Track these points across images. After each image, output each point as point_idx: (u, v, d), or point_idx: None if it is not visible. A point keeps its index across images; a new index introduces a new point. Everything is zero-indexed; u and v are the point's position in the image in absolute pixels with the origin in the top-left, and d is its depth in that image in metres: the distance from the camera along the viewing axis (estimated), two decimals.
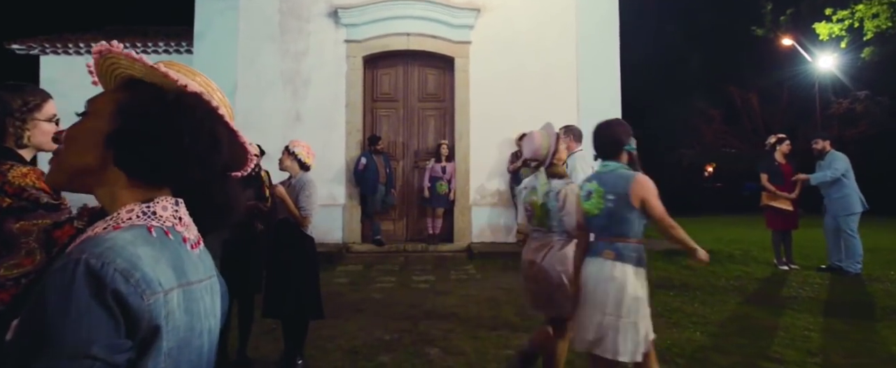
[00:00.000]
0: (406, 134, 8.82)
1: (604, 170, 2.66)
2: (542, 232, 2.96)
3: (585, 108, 8.58)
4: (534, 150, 2.98)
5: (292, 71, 8.54)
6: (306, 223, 3.62)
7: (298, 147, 3.81)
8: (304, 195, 3.60)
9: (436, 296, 5.66)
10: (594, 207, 2.59)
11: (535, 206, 2.96)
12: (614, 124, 2.73)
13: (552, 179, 2.96)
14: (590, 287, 2.52)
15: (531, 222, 3.02)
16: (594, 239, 2.61)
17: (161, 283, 0.78)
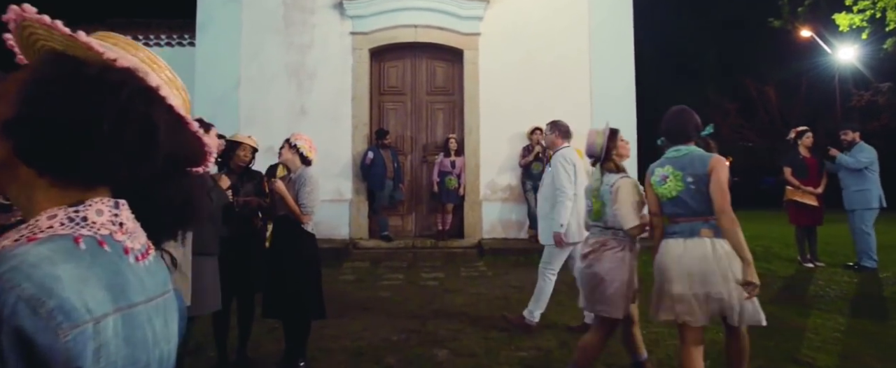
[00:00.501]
0: (414, 128, 8.62)
1: (676, 154, 2.71)
2: (599, 227, 3.03)
3: (598, 101, 8.34)
4: (589, 146, 3.07)
5: (297, 64, 8.36)
6: (306, 219, 3.43)
7: (300, 140, 3.62)
8: (304, 191, 3.42)
9: (445, 294, 5.46)
10: (671, 190, 2.67)
11: (594, 201, 3.05)
12: (685, 111, 2.79)
13: (608, 174, 3.02)
14: (693, 267, 2.56)
15: (590, 217, 3.10)
16: (675, 222, 2.68)
17: (89, 309, 0.60)
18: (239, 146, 3.71)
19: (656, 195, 2.74)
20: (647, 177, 2.81)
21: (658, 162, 2.79)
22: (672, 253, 2.64)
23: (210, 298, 3.19)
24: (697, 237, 2.60)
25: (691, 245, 2.60)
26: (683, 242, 2.62)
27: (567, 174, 4.08)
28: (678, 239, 2.65)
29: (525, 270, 6.60)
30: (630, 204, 2.85)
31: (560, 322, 4.49)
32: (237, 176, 3.74)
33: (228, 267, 3.55)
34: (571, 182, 4.08)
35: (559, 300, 5.14)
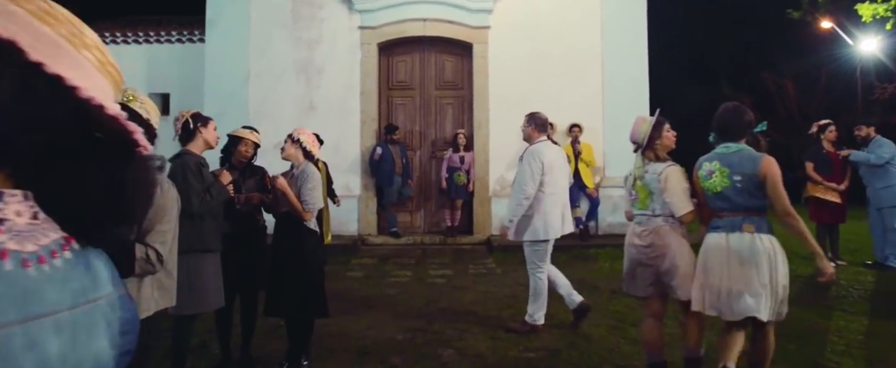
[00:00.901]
0: (423, 123, 8.51)
1: (726, 151, 2.75)
2: (647, 215, 3.03)
3: (610, 94, 8.17)
4: (634, 134, 3.08)
5: (305, 59, 8.30)
6: (308, 216, 3.34)
7: (303, 134, 3.53)
8: (306, 187, 3.33)
9: (453, 292, 5.36)
10: (716, 186, 2.73)
11: (639, 189, 3.06)
12: (740, 107, 2.83)
13: (653, 163, 3.03)
14: (732, 260, 2.64)
15: (635, 206, 3.11)
16: (719, 216, 2.76)
17: None
18: (240, 141, 3.63)
19: (702, 188, 2.83)
20: (695, 170, 2.88)
21: (707, 156, 2.85)
22: (713, 247, 2.73)
23: (212, 295, 3.12)
24: (739, 232, 2.67)
25: (733, 239, 2.67)
26: (725, 236, 2.69)
27: (531, 172, 3.96)
28: (720, 233, 2.72)
29: None
30: (681, 192, 2.89)
31: (569, 321, 4.36)
32: (239, 171, 3.66)
33: (231, 263, 3.48)
34: (534, 181, 3.96)
35: None
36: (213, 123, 3.25)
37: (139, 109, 1.79)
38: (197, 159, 3.10)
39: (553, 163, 4.06)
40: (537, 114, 4.20)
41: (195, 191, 2.99)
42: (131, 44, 9.15)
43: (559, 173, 4.09)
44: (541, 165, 3.97)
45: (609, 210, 7.95)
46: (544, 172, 3.97)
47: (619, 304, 4.81)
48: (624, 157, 8.13)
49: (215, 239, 3.14)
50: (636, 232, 3.07)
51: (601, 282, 5.63)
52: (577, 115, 7.96)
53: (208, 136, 3.19)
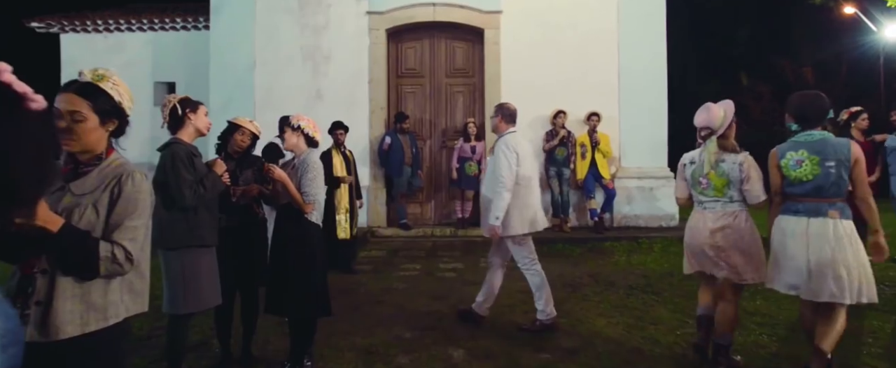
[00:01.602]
0: (433, 111, 8.29)
1: (809, 138, 2.84)
2: (720, 201, 3.09)
3: (626, 81, 7.89)
4: (709, 120, 3.09)
5: (312, 46, 8.09)
6: (309, 209, 3.16)
7: (303, 121, 3.33)
8: (307, 177, 3.14)
9: (463, 287, 5.17)
10: (807, 174, 2.82)
11: (713, 177, 3.09)
12: (820, 96, 2.92)
13: (725, 152, 3.07)
14: (813, 245, 2.78)
15: (705, 193, 3.14)
16: (799, 201, 2.87)
17: None
18: (237, 129, 3.44)
19: (783, 176, 2.92)
20: (775, 159, 2.95)
21: (788, 145, 2.91)
22: (794, 230, 2.85)
23: (208, 293, 2.96)
24: (824, 217, 2.79)
25: (816, 224, 2.79)
26: (807, 220, 2.82)
27: (508, 163, 3.79)
28: (801, 216, 2.85)
29: (548, 261, 6.21)
30: (759, 180, 3.02)
31: (585, 319, 4.16)
32: (235, 161, 3.48)
33: (229, 259, 3.32)
34: (512, 172, 3.79)
35: (584, 294, 4.81)
36: (203, 108, 3.06)
37: (109, 90, 1.60)
38: (188, 148, 2.92)
39: (526, 155, 3.91)
40: (506, 105, 4.06)
41: (187, 183, 2.81)
42: (136, 31, 9.00)
43: (531, 165, 3.94)
44: (516, 156, 3.81)
45: (624, 201, 7.71)
46: (519, 163, 3.81)
47: (636, 301, 4.60)
48: (640, 147, 7.94)
49: (210, 234, 2.97)
50: (708, 218, 3.11)
51: (617, 277, 5.41)
52: (592, 103, 7.70)
53: (199, 123, 3.01)
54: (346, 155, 5.88)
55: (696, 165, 3.18)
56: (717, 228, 3.05)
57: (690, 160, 3.25)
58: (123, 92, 1.64)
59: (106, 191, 1.54)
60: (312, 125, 3.34)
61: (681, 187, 3.31)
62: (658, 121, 7.87)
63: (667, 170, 7.92)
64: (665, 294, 4.78)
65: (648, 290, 4.90)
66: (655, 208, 7.76)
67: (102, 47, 9.05)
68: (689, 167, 3.24)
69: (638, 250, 6.61)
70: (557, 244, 6.90)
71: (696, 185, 3.17)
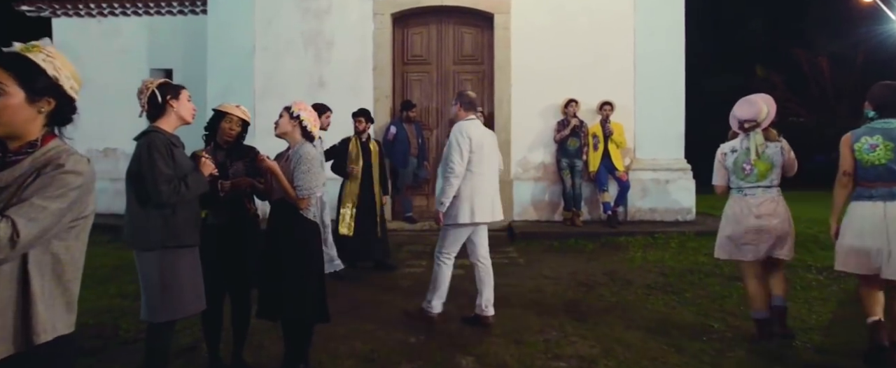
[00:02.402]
0: (440, 100, 7.97)
1: (887, 126, 3.02)
2: (761, 186, 3.36)
3: (643, 69, 7.54)
4: (754, 113, 3.35)
5: (314, 31, 7.78)
6: (303, 204, 2.88)
7: (304, 110, 3.04)
8: (300, 169, 2.85)
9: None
10: (881, 158, 3.00)
11: (757, 163, 3.36)
12: None
13: (768, 141, 3.38)
14: (891, 226, 2.93)
15: (748, 179, 3.38)
16: (872, 186, 3.03)
17: None
18: (224, 117, 3.15)
19: (855, 159, 3.08)
20: (848, 141, 3.12)
21: (863, 130, 3.09)
22: (871, 215, 3.00)
23: (190, 297, 2.68)
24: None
25: (892, 207, 2.95)
26: (884, 205, 2.98)
27: (459, 150, 3.69)
28: (877, 201, 3.00)
29: (560, 257, 5.99)
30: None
31: (603, 322, 3.86)
32: (225, 152, 3.19)
33: (217, 259, 3.04)
34: (462, 159, 3.69)
35: (599, 294, 4.51)
36: (185, 93, 2.76)
37: (41, 62, 1.32)
38: (167, 137, 2.63)
39: (482, 142, 3.78)
40: (465, 93, 3.99)
41: (163, 177, 2.52)
42: (131, 16, 8.70)
43: (488, 154, 3.82)
44: (469, 141, 3.70)
45: (638, 194, 7.38)
46: (472, 150, 3.71)
47: (656, 302, 4.30)
48: (656, 138, 7.59)
49: (190, 233, 2.68)
50: (751, 203, 3.35)
51: (634, 276, 5.11)
52: (606, 92, 7.36)
53: (181, 110, 2.71)
54: (367, 145, 5.51)
55: (737, 153, 3.43)
56: (763, 212, 3.32)
57: (731, 149, 3.48)
58: (62, 66, 1.35)
59: (33, 176, 1.26)
60: (313, 119, 3.05)
61: (721, 175, 3.53)
62: (675, 110, 7.52)
63: (683, 162, 7.58)
64: (687, 294, 4.48)
65: (668, 290, 4.60)
66: (671, 201, 7.43)
67: (96, 32, 8.76)
68: (730, 156, 3.47)
69: (654, 245, 6.30)
70: (570, 239, 6.61)
71: (739, 172, 3.41)
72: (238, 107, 3.19)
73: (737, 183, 3.41)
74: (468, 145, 3.69)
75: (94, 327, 3.88)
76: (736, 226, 3.40)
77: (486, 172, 3.79)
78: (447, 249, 3.85)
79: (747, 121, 3.36)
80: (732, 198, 3.46)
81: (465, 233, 3.83)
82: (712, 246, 6.17)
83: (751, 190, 3.36)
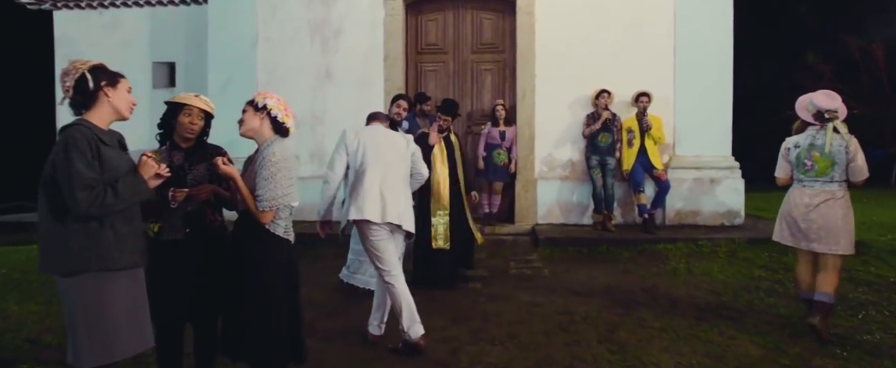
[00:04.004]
0: (457, 92, 7.32)
1: None
2: (822, 181, 3.39)
3: (684, 57, 6.75)
4: (836, 104, 3.39)
5: (321, 19, 7.21)
6: (265, 218, 2.28)
7: (271, 99, 2.45)
8: (262, 175, 2.26)
9: (488, 303, 4.24)
10: None
11: (818, 159, 3.37)
12: None
13: (838, 135, 3.35)
14: None
15: (808, 174, 3.43)
16: None
17: None
18: (181, 110, 2.57)
19: None
20: None
21: None
22: None
23: (126, 335, 2.10)
24: None
25: None
26: None
27: (337, 151, 3.43)
28: None
29: (590, 267, 5.28)
30: (864, 160, 3.35)
31: (646, 354, 3.17)
32: (184, 153, 2.62)
33: (175, 282, 2.47)
34: (341, 160, 3.42)
35: (640, 317, 3.79)
36: (125, 83, 2.20)
37: None
38: (93, 133, 2.06)
39: (379, 144, 3.43)
40: (372, 113, 3.79)
41: (82, 182, 1.95)
42: (133, 7, 8.28)
43: (391, 159, 3.42)
44: (357, 143, 3.40)
45: (678, 195, 6.61)
46: (363, 152, 3.38)
47: (710, 329, 3.56)
48: (698, 133, 6.77)
49: (127, 252, 2.10)
50: (806, 193, 3.44)
51: (679, 292, 4.38)
52: (642, 82, 6.60)
53: (117, 101, 2.15)
54: (448, 139, 4.85)
55: (800, 148, 3.46)
56: (813, 204, 3.39)
57: (795, 144, 3.51)
58: None
59: None
60: (283, 107, 2.45)
61: (784, 169, 3.58)
62: (721, 102, 6.71)
63: (731, 159, 6.77)
64: (747, 318, 3.74)
65: (723, 313, 3.86)
66: (717, 203, 6.63)
67: (97, 24, 8.37)
68: (794, 150, 3.50)
69: (698, 255, 5.53)
70: (601, 245, 5.89)
71: (801, 167, 3.46)
72: (197, 96, 2.61)
73: (798, 176, 3.50)
74: (355, 146, 3.39)
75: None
76: (791, 212, 3.50)
77: (384, 176, 3.34)
78: (383, 262, 3.26)
79: (829, 112, 3.37)
80: (793, 188, 3.55)
81: (383, 236, 3.28)
82: (766, 256, 5.46)
83: (809, 183, 3.44)
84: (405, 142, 3.54)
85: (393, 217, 3.27)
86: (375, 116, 3.73)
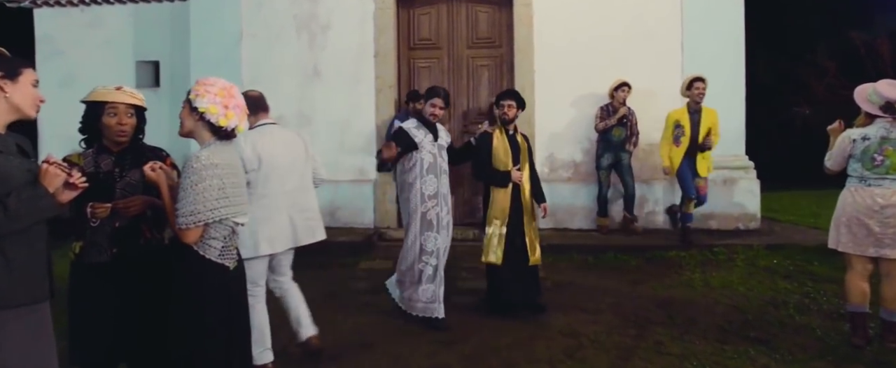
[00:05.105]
0: (452, 89, 6.90)
1: None
2: (888, 179, 3.14)
3: (692, 50, 6.34)
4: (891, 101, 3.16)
5: (308, 14, 6.81)
6: (186, 237, 1.87)
7: (206, 96, 1.98)
8: (182, 185, 1.85)
9: (483, 321, 3.81)
10: None
11: (891, 154, 3.13)
12: None
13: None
14: None
15: (876, 170, 3.16)
16: None
17: None
18: (103, 109, 2.15)
19: None
20: None
21: None
22: None
23: None
24: None
25: None
26: None
27: None
28: None
29: (597, 278, 4.86)
30: None
31: None
32: (114, 158, 2.20)
33: (102, 314, 2.06)
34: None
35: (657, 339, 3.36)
36: (29, 74, 1.79)
37: None
38: None
39: (274, 154, 2.94)
40: (247, 94, 2.81)
41: None
42: (115, 4, 7.89)
43: (289, 167, 3.01)
44: (254, 158, 2.86)
45: None
46: (259, 167, 2.87)
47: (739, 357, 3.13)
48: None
49: (22, 286, 1.70)
50: (877, 194, 3.15)
51: (698, 309, 3.94)
52: (647, 77, 6.21)
53: (18, 98, 1.75)
54: (514, 139, 4.15)
55: (871, 141, 3.17)
56: (890, 205, 3.12)
57: (863, 136, 3.21)
58: None
59: None
60: (220, 104, 1.96)
61: (839, 161, 3.32)
62: (734, 99, 6.29)
63: (745, 159, 6.34)
64: (779, 341, 3.31)
65: (750, 334, 3.43)
66: (732, 205, 6.20)
67: (79, 22, 7.99)
68: (861, 143, 3.21)
69: (714, 263, 5.11)
70: (607, 252, 5.48)
71: (867, 162, 3.19)
72: (120, 89, 2.19)
73: (860, 172, 3.21)
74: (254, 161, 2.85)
75: None
76: (859, 217, 3.17)
77: (286, 191, 2.97)
78: (251, 287, 2.77)
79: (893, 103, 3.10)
80: (853, 187, 3.25)
81: (263, 263, 2.94)
82: (789, 264, 5.04)
83: (876, 182, 3.17)
84: (303, 143, 3.14)
85: (316, 235, 3.03)
86: (258, 104, 3.00)
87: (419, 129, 3.93)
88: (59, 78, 7.56)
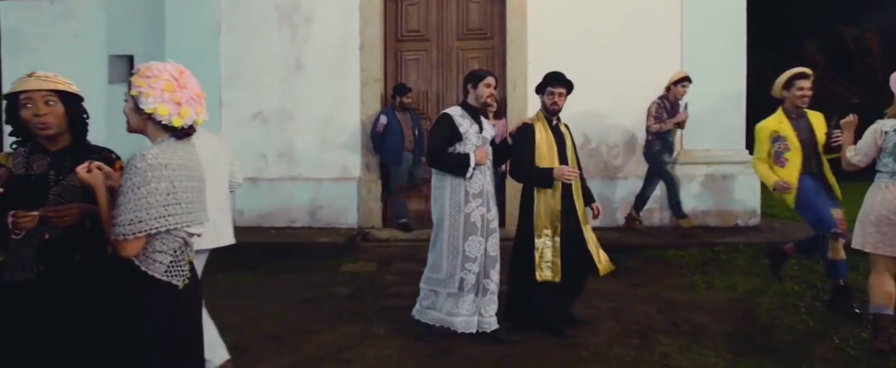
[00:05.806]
0: (441, 83, 6.65)
1: None
2: None
3: (691, 42, 6.15)
4: None
5: (290, 5, 6.51)
6: (123, 250, 1.58)
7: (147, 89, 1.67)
8: (121, 189, 1.56)
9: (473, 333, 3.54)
10: None
11: None
12: None
13: None
14: None
15: None
16: None
17: None
18: (22, 102, 1.84)
19: None
20: None
21: None
22: None
23: None
24: None
25: None
26: None
27: None
28: None
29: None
30: None
31: None
32: (50, 159, 1.90)
33: (18, 342, 1.77)
34: None
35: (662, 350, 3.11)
36: None
37: None
38: None
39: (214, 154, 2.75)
40: None
41: None
42: None
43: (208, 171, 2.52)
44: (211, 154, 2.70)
45: (688, 194, 5.97)
46: None
47: (749, 366, 2.89)
48: (708, 125, 6.05)
49: None
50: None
51: (703, 313, 3.71)
52: (645, 68, 5.99)
53: None
54: (558, 130, 3.57)
55: None
56: None
57: (894, 128, 3.05)
58: None
59: None
60: (170, 102, 1.64)
61: (870, 154, 3.12)
62: (734, 92, 6.08)
63: (744, 154, 6.13)
64: (794, 352, 3.07)
65: (762, 344, 3.19)
66: (731, 202, 6.00)
67: (48, 15, 7.59)
68: (893, 136, 3.03)
69: (716, 263, 4.89)
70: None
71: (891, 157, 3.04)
72: (33, 75, 1.87)
73: (892, 167, 3.02)
74: None
75: None
76: (881, 215, 2.98)
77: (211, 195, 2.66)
78: None
79: None
80: (883, 184, 3.05)
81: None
82: (796, 263, 4.82)
83: None
84: (221, 144, 2.89)
85: (223, 239, 2.80)
86: None
87: (465, 118, 3.38)
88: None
